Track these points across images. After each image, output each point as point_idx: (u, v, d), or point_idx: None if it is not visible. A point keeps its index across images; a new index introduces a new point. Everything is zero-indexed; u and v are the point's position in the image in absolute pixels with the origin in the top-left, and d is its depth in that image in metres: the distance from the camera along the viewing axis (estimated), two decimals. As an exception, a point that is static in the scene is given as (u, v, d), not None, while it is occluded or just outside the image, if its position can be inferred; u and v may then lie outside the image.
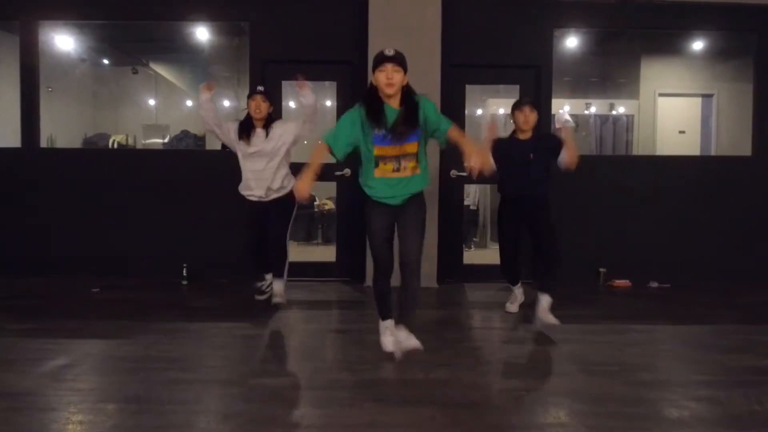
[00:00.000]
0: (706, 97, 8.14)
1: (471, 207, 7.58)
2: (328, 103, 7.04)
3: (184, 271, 5.23)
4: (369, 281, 5.19)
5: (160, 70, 9.25)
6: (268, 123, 4.04)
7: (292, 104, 7.94)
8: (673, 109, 8.19)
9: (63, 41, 7.26)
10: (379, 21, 5.12)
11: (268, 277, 4.30)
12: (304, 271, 5.37)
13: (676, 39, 7.18)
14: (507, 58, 5.48)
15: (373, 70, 2.90)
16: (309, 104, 4.00)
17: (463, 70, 5.45)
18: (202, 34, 6.64)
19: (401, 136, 2.85)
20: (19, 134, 5.49)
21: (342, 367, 3.10)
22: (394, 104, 2.90)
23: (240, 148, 4.05)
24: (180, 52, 8.48)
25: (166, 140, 8.80)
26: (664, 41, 7.50)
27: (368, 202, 3.03)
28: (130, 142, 8.72)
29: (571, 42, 6.64)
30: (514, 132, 4.13)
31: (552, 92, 5.56)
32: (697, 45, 7.22)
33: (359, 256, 5.29)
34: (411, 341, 2.93)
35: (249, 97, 4.06)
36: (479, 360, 3.30)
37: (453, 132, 2.93)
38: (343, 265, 5.53)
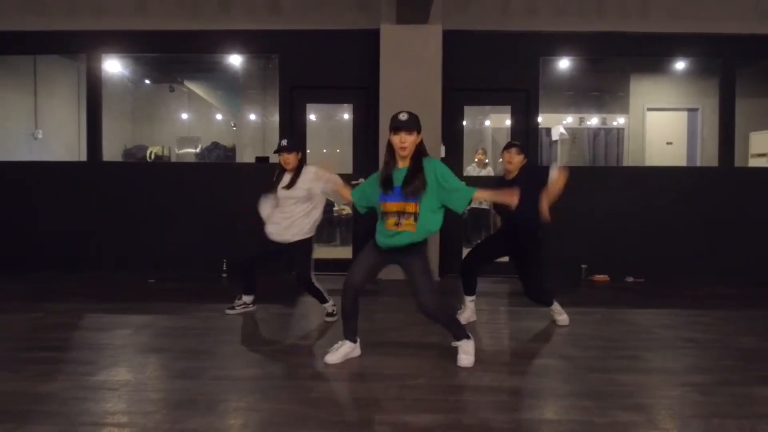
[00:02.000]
0: (692, 111, 8.87)
1: (484, 206, 8.12)
2: (346, 116, 8.00)
3: (224, 266, 6.16)
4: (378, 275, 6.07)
5: (193, 87, 10.26)
6: (298, 170, 4.19)
7: (313, 117, 8.88)
8: (661, 122, 8.94)
9: (111, 66, 8.27)
10: (389, 52, 6.01)
11: (246, 298, 4.50)
12: (326, 266, 6.26)
13: (663, 58, 7.92)
14: (500, 83, 6.34)
15: (390, 132, 3.17)
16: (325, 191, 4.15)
17: (461, 93, 6.33)
18: (234, 59, 7.58)
19: (408, 195, 3.11)
20: (68, 148, 6.44)
21: (355, 334, 3.97)
22: (404, 164, 3.17)
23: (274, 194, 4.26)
24: (212, 72, 9.46)
25: (197, 150, 9.77)
26: (652, 61, 8.23)
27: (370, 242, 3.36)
28: (166, 152, 9.69)
29: (566, 63, 7.41)
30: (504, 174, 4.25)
31: (539, 112, 6.39)
32: (682, 64, 7.95)
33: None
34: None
35: (277, 151, 4.22)
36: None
37: (480, 194, 3.26)
38: (358, 261, 6.40)
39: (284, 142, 4.22)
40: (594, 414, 2.62)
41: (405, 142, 3.11)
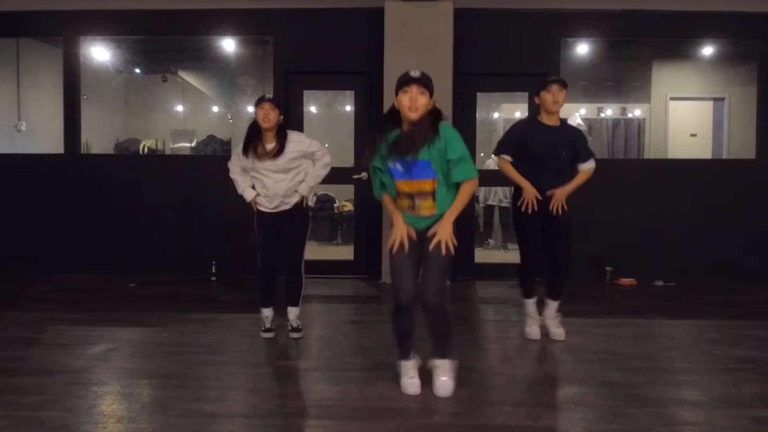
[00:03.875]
0: (718, 100, 8.29)
1: (504, 204, 7.61)
2: (348, 108, 7.43)
3: (213, 269, 5.62)
4: (384, 278, 5.51)
5: (188, 78, 9.72)
6: (279, 132, 3.49)
7: (313, 109, 8.34)
8: (685, 112, 8.36)
9: (98, 52, 7.75)
10: (394, 33, 5.44)
11: (267, 311, 3.70)
12: (325, 268, 5.74)
13: (687, 44, 7.36)
14: (516, 67, 5.76)
15: (396, 92, 2.65)
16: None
17: (474, 78, 5.75)
18: (228, 44, 7.05)
19: (402, 153, 2.60)
20: (54, 140, 5.96)
21: (356, 352, 3.42)
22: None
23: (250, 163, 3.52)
24: (207, 61, 8.93)
25: (193, 144, 9.28)
26: (675, 46, 7.68)
27: None
28: (160, 146, 9.20)
29: (583, 48, 6.86)
30: (537, 116, 3.53)
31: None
32: (708, 50, 7.38)
33: (375, 255, 5.63)
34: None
35: (256, 105, 3.47)
36: (481, 348, 3.58)
37: (464, 186, 2.67)
38: (361, 263, 5.87)
39: (268, 95, 3.49)
40: (657, 468, 2.07)
41: (417, 101, 2.56)
